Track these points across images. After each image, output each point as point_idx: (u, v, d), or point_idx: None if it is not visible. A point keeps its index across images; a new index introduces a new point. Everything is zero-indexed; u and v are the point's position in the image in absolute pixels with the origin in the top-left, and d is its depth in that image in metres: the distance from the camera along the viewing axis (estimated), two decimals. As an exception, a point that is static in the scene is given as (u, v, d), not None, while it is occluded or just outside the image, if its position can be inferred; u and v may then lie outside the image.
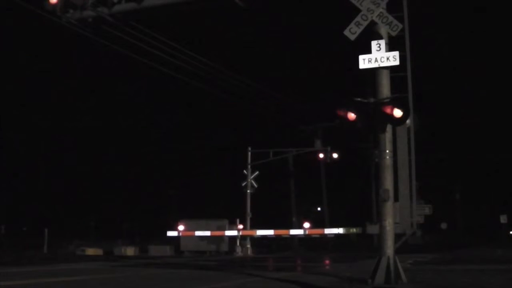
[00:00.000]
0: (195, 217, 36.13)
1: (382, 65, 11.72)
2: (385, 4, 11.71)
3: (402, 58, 11.66)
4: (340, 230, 32.66)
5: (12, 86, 48.98)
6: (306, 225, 34.97)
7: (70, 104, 52.93)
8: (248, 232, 33.98)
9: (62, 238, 35.48)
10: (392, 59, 11.64)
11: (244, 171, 35.75)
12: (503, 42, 67.53)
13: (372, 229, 13.13)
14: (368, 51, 11.84)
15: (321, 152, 36.13)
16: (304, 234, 34.21)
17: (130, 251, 32.39)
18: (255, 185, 35.63)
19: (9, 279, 13.50)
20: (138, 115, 55.19)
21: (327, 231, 34.29)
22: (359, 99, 11.82)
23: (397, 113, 11.25)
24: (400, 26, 11.58)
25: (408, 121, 11.59)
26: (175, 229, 34.21)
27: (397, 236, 11.77)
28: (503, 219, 52.16)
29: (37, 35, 45.66)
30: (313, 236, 35.13)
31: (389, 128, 11.73)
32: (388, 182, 11.64)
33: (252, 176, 35.60)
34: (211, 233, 33.52)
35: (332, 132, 36.08)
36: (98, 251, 32.23)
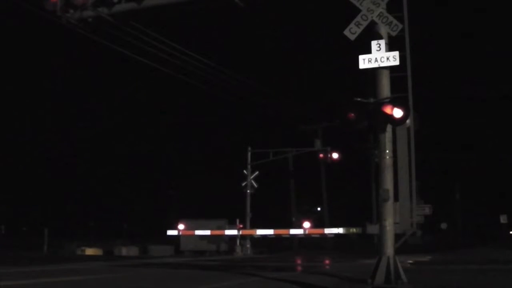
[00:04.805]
0: (195, 217, 36.16)
1: (382, 65, 11.71)
2: (385, 4, 11.70)
3: (402, 58, 11.65)
4: (340, 230, 32.67)
5: (11, 86, 48.98)
6: (306, 225, 34.98)
7: (70, 104, 52.95)
8: (248, 232, 34.00)
9: (62, 238, 35.47)
10: (392, 59, 11.63)
11: (244, 171, 35.75)
12: (503, 42, 67.57)
13: (372, 229, 13.16)
14: (368, 51, 11.84)
15: (321, 152, 36.11)
16: (304, 234, 34.22)
17: (130, 251, 32.38)
18: (255, 185, 35.63)
19: (9, 279, 13.49)
20: (138, 115, 55.19)
21: (327, 231, 34.29)
22: (359, 99, 11.81)
23: (397, 113, 11.24)
24: (400, 26, 11.57)
25: (408, 121, 11.59)
26: (175, 228, 34.24)
27: (397, 236, 11.77)
28: (503, 219, 52.18)
29: (37, 35, 45.66)
30: (313, 236, 35.13)
31: (389, 128, 11.73)
32: (388, 182, 11.63)
33: (252, 176, 35.60)
34: (211, 232, 33.58)
35: (332, 132, 36.11)
36: (98, 251, 32.21)
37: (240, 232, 33.59)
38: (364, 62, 11.81)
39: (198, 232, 33.75)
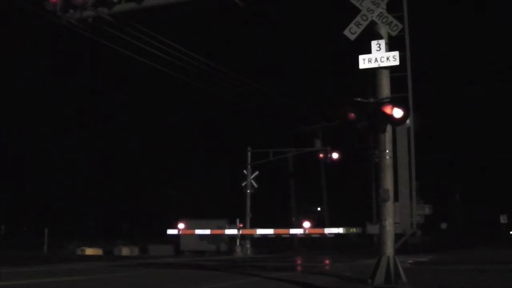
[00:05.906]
0: (195, 217, 36.16)
1: (382, 65, 11.72)
2: (385, 4, 11.70)
3: (402, 58, 11.66)
4: (340, 230, 32.69)
5: (11, 86, 48.95)
6: (306, 224, 34.98)
7: (70, 104, 52.95)
8: (248, 231, 34.00)
9: (62, 238, 35.48)
10: (392, 59, 11.64)
11: (244, 171, 35.74)
12: (503, 42, 67.58)
13: (372, 229, 13.15)
14: (368, 51, 11.84)
15: (321, 152, 36.09)
16: (304, 234, 34.23)
17: (130, 251, 32.38)
18: (255, 185, 35.63)
19: (9, 279, 13.49)
20: (138, 115, 55.21)
21: (327, 231, 34.30)
22: (359, 99, 11.81)
23: (397, 113, 11.25)
24: (400, 26, 11.57)
25: (408, 121, 11.59)
26: (175, 227, 34.24)
27: (397, 236, 11.77)
28: (503, 219, 52.25)
29: (37, 35, 45.66)
30: (313, 236, 35.14)
31: (389, 128, 11.73)
32: (388, 182, 11.64)
33: (252, 176, 35.60)
34: (211, 231, 33.58)
35: (332, 132, 36.07)
36: (98, 251, 32.22)
37: (240, 232, 33.58)
38: (364, 62, 11.82)
39: (198, 232, 33.74)
